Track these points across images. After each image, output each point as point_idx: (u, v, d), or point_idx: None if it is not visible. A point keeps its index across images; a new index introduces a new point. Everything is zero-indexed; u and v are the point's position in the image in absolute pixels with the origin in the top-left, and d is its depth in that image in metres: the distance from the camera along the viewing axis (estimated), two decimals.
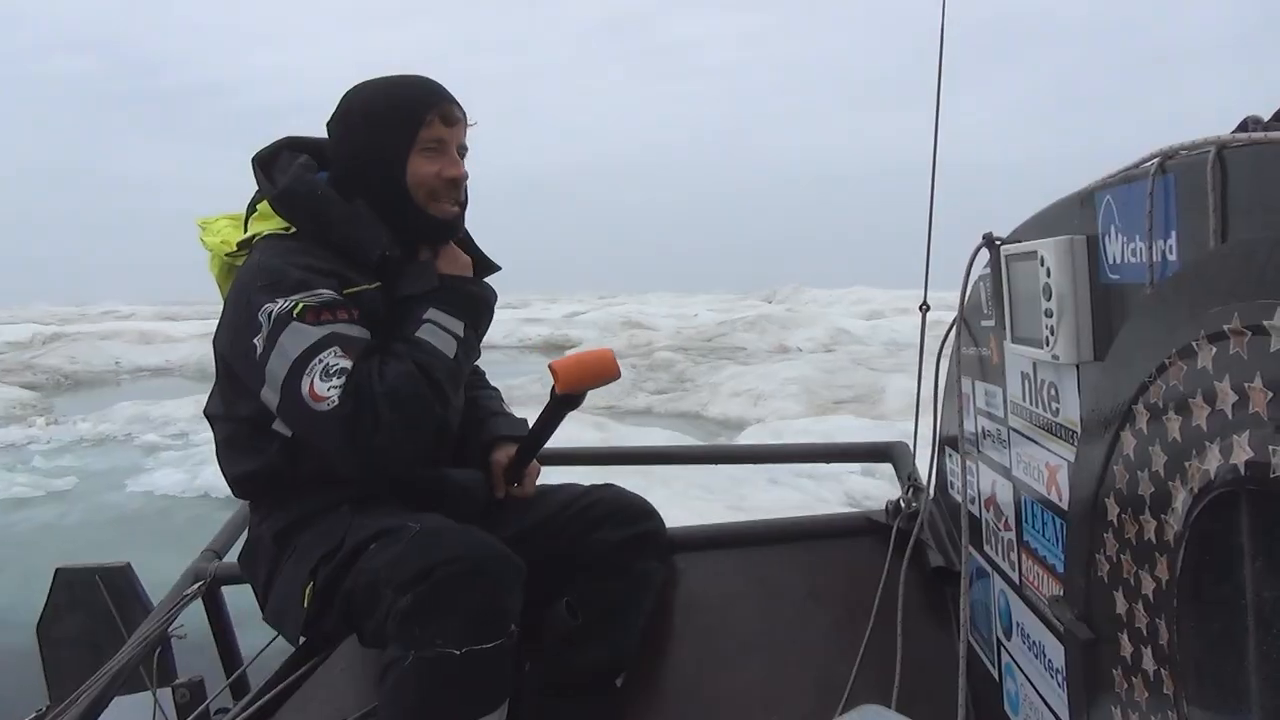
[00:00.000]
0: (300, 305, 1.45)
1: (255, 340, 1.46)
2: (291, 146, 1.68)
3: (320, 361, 1.41)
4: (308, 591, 1.50)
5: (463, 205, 1.65)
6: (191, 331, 28.17)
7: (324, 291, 1.48)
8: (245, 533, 1.75)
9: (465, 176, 1.62)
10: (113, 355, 24.66)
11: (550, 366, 1.64)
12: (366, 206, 1.57)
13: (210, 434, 1.69)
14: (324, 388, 1.40)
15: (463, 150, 1.64)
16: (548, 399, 1.68)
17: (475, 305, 1.61)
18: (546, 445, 1.81)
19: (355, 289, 1.53)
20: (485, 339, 1.68)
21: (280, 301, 1.45)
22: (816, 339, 21.13)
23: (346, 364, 1.42)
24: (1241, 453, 0.75)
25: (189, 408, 14.11)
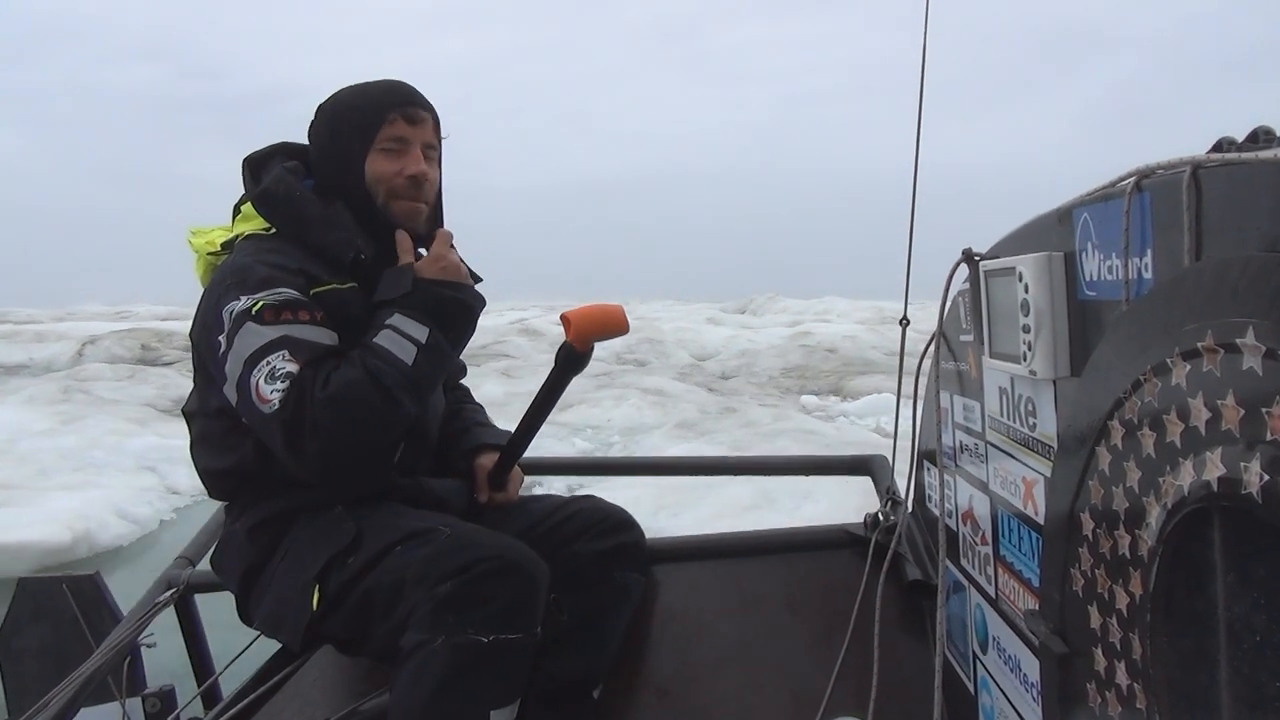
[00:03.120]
0: (260, 304, 1.45)
1: (219, 338, 1.47)
2: (284, 151, 1.70)
3: (268, 364, 1.42)
4: (315, 594, 1.48)
5: (430, 205, 1.65)
6: (80, 331, 28.57)
7: (286, 290, 1.48)
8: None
9: (426, 175, 1.61)
10: None
11: (562, 316, 1.61)
12: (344, 209, 1.59)
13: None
14: (268, 390, 1.40)
15: (431, 150, 1.64)
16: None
17: (446, 310, 1.55)
18: (528, 454, 1.80)
19: (324, 288, 1.53)
20: None
21: (243, 300, 1.46)
22: (611, 347, 22.12)
23: (293, 368, 1.41)
24: (1214, 469, 0.76)
25: None
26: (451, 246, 1.63)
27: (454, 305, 1.56)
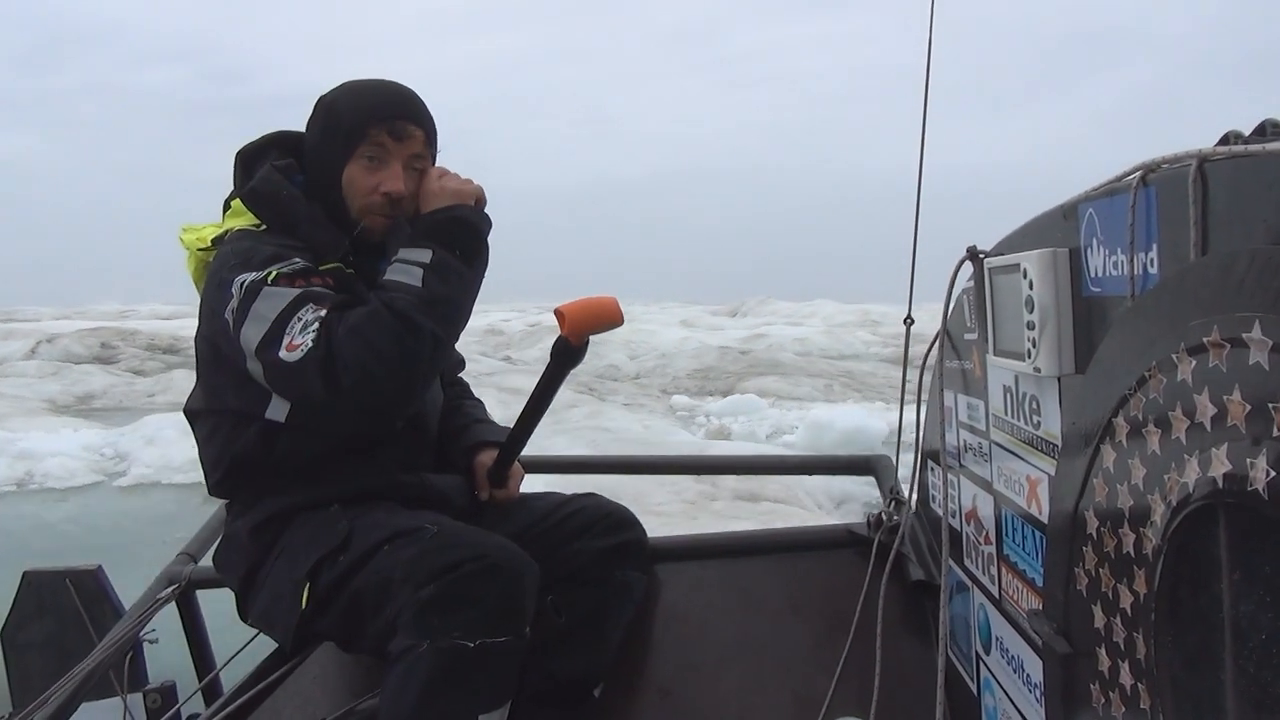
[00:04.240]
0: (274, 274, 1.46)
1: (228, 314, 1.46)
2: (279, 144, 1.68)
3: (299, 319, 1.42)
4: (305, 592, 1.48)
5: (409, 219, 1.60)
6: (57, 329, 29.22)
7: (297, 261, 1.49)
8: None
9: (403, 195, 1.58)
10: None
11: (556, 311, 1.60)
12: (320, 211, 1.58)
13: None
14: (301, 338, 1.41)
15: (418, 162, 1.61)
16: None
17: (443, 229, 1.53)
18: (528, 453, 1.80)
19: (330, 265, 1.54)
20: None
21: (254, 274, 1.46)
22: (536, 355, 23.39)
23: (322, 313, 1.42)
24: (1219, 466, 0.75)
25: None
26: (447, 174, 1.59)
27: (448, 223, 1.54)
